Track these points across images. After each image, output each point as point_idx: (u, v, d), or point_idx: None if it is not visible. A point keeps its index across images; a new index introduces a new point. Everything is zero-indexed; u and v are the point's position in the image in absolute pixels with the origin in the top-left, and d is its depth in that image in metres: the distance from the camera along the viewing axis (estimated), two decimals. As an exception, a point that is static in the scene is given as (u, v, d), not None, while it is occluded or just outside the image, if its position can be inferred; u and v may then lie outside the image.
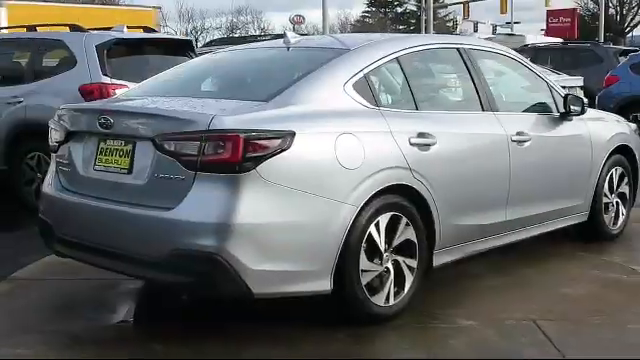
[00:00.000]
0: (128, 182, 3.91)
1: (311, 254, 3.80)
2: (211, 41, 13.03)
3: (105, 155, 4.05)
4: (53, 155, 4.47)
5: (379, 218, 4.05)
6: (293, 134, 3.69)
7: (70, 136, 4.26)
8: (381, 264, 4.09)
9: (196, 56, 8.10)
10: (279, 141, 3.65)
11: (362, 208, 3.93)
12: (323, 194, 3.79)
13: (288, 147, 3.67)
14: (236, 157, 3.55)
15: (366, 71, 4.25)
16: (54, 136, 4.40)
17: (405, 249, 4.23)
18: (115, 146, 4.00)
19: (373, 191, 3.98)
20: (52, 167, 4.50)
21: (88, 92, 7.05)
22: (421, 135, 4.30)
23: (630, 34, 41.29)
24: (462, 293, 4.72)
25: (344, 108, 4.07)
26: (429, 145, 4.32)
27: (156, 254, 3.70)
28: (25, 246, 6.09)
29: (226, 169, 3.58)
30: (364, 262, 4.00)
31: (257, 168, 3.59)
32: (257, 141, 3.60)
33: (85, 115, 4.27)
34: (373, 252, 4.05)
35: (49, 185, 4.44)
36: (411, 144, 4.22)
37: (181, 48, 8.12)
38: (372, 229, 4.02)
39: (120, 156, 3.97)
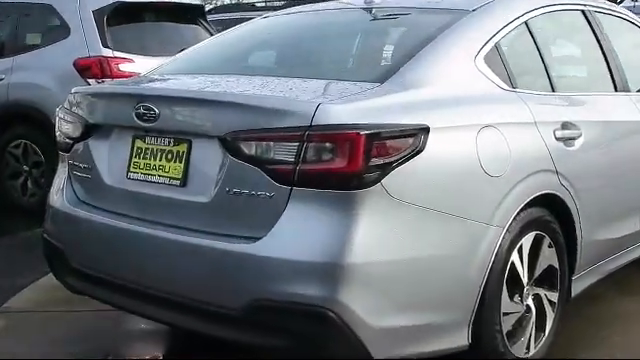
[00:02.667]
0: (181, 198, 2.75)
1: (448, 299, 2.70)
2: (210, 9, 11.75)
3: (144, 158, 2.88)
4: (63, 155, 3.28)
5: (522, 241, 2.97)
6: (427, 130, 2.56)
7: (90, 130, 3.07)
8: (521, 302, 3.02)
9: (207, 24, 6.91)
10: (411, 140, 2.52)
11: (507, 229, 2.84)
12: (464, 214, 2.68)
13: (421, 149, 2.54)
14: (355, 165, 2.41)
15: (496, 39, 3.11)
16: (65, 130, 3.21)
17: (546, 279, 3.16)
18: (160, 146, 2.83)
19: (520, 205, 2.89)
20: (62, 172, 3.31)
21: (85, 67, 5.85)
22: (565, 126, 3.21)
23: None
24: (598, 325, 3.69)
25: (479, 91, 2.94)
26: (573, 139, 3.25)
27: (229, 304, 2.57)
28: (16, 261, 4.93)
29: (339, 183, 2.44)
30: (506, 302, 2.91)
31: (383, 181, 2.45)
32: (384, 141, 2.46)
33: (114, 102, 3.07)
34: (514, 288, 2.97)
35: (59, 196, 3.25)
36: (556, 138, 3.13)
37: (191, 14, 6.86)
38: (514, 257, 2.93)
39: (168, 160, 2.80)
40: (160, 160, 2.82)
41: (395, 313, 2.55)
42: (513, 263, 2.93)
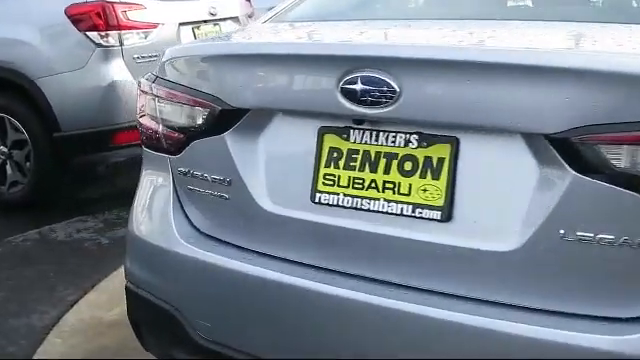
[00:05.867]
0: (445, 242, 1.54)
1: None
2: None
3: (348, 169, 1.64)
4: (160, 157, 1.99)
5: None
6: None
7: (224, 119, 1.80)
8: None
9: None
10: None
11: None
12: None
13: None
14: None
15: None
16: (170, 117, 1.93)
17: None
18: (385, 148, 1.60)
19: None
20: (153, 184, 2.04)
21: (81, 16, 4.46)
22: None
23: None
24: None
25: None
26: None
27: None
28: (19, 283, 3.61)
29: None
30: None
31: None
32: None
33: (285, 69, 1.75)
34: None
35: (156, 224, 2.00)
36: None
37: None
38: None
39: (405, 174, 1.58)
40: (387, 173, 1.60)
41: None
42: None
